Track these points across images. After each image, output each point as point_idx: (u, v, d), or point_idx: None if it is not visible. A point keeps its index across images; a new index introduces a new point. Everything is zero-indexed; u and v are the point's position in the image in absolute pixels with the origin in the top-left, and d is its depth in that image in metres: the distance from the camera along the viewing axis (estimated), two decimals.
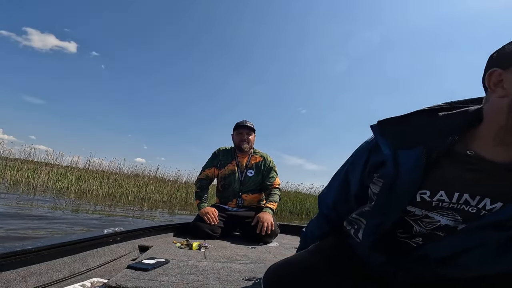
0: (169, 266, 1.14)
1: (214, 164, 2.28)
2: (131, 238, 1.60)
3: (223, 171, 2.24)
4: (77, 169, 10.40)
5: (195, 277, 1.02)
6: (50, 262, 1.05)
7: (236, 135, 2.23)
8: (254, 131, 2.27)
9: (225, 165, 2.25)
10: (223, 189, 2.24)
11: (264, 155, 2.29)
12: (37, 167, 8.87)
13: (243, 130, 2.21)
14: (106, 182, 8.71)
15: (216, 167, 2.27)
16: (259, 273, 1.09)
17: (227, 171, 2.23)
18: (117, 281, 0.91)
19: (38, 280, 0.97)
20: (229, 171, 2.23)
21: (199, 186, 2.23)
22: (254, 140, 2.28)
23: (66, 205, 5.00)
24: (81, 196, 7.25)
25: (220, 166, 2.27)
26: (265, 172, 2.25)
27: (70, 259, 1.14)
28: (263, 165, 2.25)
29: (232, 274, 1.08)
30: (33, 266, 0.98)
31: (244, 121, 2.26)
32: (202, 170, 2.30)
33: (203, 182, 2.25)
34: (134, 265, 1.08)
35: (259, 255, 1.49)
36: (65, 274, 1.08)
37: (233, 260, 1.33)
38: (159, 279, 0.97)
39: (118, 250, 1.44)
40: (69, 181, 8.25)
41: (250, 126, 2.22)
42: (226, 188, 2.22)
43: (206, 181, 2.27)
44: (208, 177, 2.28)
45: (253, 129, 2.25)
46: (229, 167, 2.24)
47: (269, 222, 1.91)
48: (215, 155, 2.31)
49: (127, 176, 10.76)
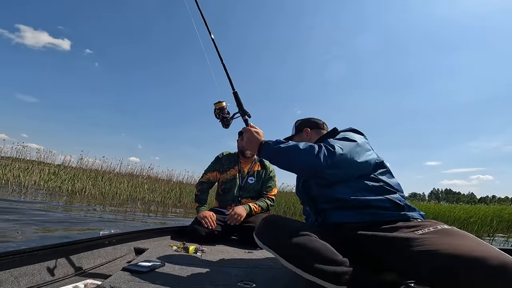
0: (165, 269, 1.13)
1: (217, 168, 2.27)
2: (127, 241, 1.58)
3: (225, 175, 2.24)
4: (70, 168, 10.28)
5: (191, 281, 1.01)
6: (44, 263, 1.03)
7: (241, 141, 2.22)
8: None
9: (227, 170, 2.25)
10: (223, 193, 2.23)
11: (266, 163, 2.29)
12: (29, 165, 8.73)
13: None
14: (99, 182, 8.61)
15: (219, 171, 2.27)
16: (255, 278, 1.09)
17: (228, 176, 2.23)
18: (111, 283, 0.89)
19: (30, 281, 0.95)
20: (231, 176, 2.22)
21: (200, 189, 2.21)
22: None
23: (58, 205, 4.92)
24: (74, 195, 7.15)
25: (223, 170, 2.26)
26: (264, 180, 2.26)
27: (64, 261, 1.12)
28: (264, 173, 2.26)
29: (228, 278, 1.07)
30: (26, 266, 0.97)
31: None
32: (204, 173, 2.29)
33: (204, 185, 2.24)
34: (129, 268, 1.06)
35: (256, 260, 1.48)
36: (58, 275, 1.06)
37: (229, 264, 1.32)
38: (154, 282, 0.95)
39: (114, 252, 1.42)
40: (61, 180, 8.13)
41: None
42: (226, 192, 2.22)
43: (207, 184, 2.26)
44: (210, 180, 2.27)
45: None
46: (231, 172, 2.24)
47: (239, 216, 1.95)
48: (218, 159, 2.31)
49: (121, 175, 10.66)
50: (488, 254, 0.69)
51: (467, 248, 0.72)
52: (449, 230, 0.87)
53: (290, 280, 1.07)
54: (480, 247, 0.73)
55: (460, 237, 0.80)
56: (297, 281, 1.07)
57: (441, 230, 0.87)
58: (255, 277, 1.10)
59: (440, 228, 0.88)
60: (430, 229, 0.88)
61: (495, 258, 0.67)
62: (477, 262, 0.67)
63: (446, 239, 0.79)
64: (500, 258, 0.67)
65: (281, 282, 1.04)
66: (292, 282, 1.05)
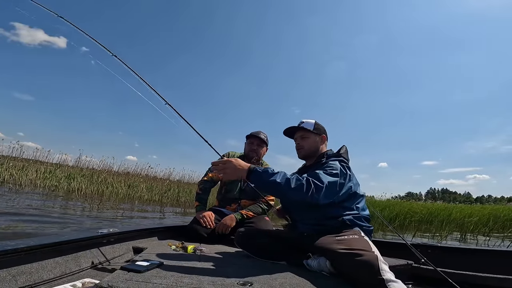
0: (163, 268, 1.12)
1: None
2: (126, 240, 1.57)
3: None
4: (66, 167, 10.21)
5: (189, 280, 1.01)
6: (42, 262, 1.03)
7: (248, 144, 2.23)
8: (267, 144, 2.25)
9: None
10: (224, 193, 2.23)
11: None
12: (25, 164, 8.67)
13: (255, 140, 2.20)
14: (96, 181, 8.56)
15: None
16: (253, 278, 1.09)
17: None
18: (109, 282, 0.89)
19: (28, 279, 0.95)
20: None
21: (202, 188, 2.20)
22: (264, 153, 2.27)
23: (55, 204, 4.89)
24: (70, 194, 7.11)
25: None
26: None
27: (62, 259, 1.11)
28: None
29: (227, 278, 1.07)
30: (24, 265, 0.96)
31: (258, 132, 2.24)
32: (208, 172, 2.27)
33: (207, 185, 2.22)
34: (127, 267, 1.06)
35: (254, 260, 1.48)
36: (56, 274, 1.06)
37: (228, 264, 1.32)
38: (152, 281, 0.95)
39: (112, 251, 1.42)
40: (58, 179, 8.08)
41: (263, 138, 2.21)
42: (227, 192, 2.22)
43: (210, 183, 2.24)
44: (213, 180, 2.25)
45: (266, 142, 2.24)
46: None
47: (225, 227, 1.94)
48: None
49: (118, 174, 10.61)
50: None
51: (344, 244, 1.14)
52: (350, 237, 1.22)
53: (288, 280, 1.08)
54: (342, 245, 1.13)
55: (353, 240, 1.18)
56: (295, 281, 1.07)
57: (350, 237, 1.22)
58: (254, 277, 1.10)
59: (351, 237, 1.22)
60: (344, 237, 1.22)
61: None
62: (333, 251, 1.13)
63: (340, 242, 1.17)
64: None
65: (279, 281, 1.05)
66: (290, 282, 1.05)
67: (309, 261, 1.32)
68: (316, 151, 1.56)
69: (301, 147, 1.56)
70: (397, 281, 0.99)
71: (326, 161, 1.44)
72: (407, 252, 1.52)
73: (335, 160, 1.43)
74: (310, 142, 1.55)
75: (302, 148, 1.56)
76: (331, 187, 1.27)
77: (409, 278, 1.48)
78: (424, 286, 1.42)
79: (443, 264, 1.45)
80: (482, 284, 1.30)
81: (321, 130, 1.57)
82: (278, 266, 1.33)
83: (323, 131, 1.59)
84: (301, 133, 1.56)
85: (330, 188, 1.27)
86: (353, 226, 1.36)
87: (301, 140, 1.57)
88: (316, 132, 1.54)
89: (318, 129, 1.56)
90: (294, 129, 1.59)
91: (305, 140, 1.55)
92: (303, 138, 1.56)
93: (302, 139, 1.56)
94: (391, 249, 1.71)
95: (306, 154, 1.57)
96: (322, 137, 1.57)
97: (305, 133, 1.55)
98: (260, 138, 2.20)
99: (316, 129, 1.55)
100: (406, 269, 1.49)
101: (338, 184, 1.31)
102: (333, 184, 1.29)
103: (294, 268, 1.27)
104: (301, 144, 1.56)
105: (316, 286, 1.03)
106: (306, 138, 1.55)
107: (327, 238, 1.26)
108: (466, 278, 1.32)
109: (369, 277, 1.00)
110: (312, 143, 1.55)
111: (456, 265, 1.48)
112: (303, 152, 1.57)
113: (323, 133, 1.58)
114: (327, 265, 1.20)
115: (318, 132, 1.55)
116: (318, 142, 1.56)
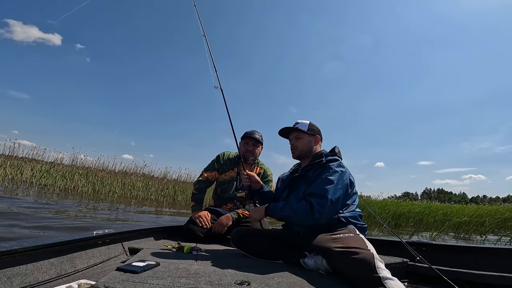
0: (160, 269, 1.12)
1: (216, 168, 2.24)
2: (121, 240, 1.56)
3: (224, 176, 2.22)
4: (62, 165, 10.12)
5: (186, 280, 1.01)
6: (37, 263, 1.02)
7: (243, 145, 2.18)
8: (262, 143, 2.22)
9: (227, 171, 2.22)
10: (220, 193, 2.23)
11: (265, 167, 2.26)
12: (20, 163, 8.58)
13: (250, 141, 2.16)
14: (92, 179, 8.50)
15: (218, 171, 2.24)
16: (251, 277, 1.09)
17: (227, 177, 2.21)
18: (105, 283, 0.88)
19: (23, 281, 0.94)
20: (229, 178, 2.21)
21: (197, 188, 2.18)
22: (260, 153, 2.25)
23: (50, 204, 4.85)
24: (66, 193, 7.05)
25: (222, 171, 2.23)
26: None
27: (57, 260, 1.11)
28: (262, 177, 2.21)
29: (224, 278, 1.07)
30: (19, 266, 0.95)
31: (253, 131, 2.20)
32: (203, 172, 2.26)
33: (202, 185, 2.20)
34: (123, 267, 1.05)
35: (251, 259, 1.48)
36: (51, 275, 1.05)
37: (225, 264, 1.32)
38: (149, 282, 0.94)
39: (108, 252, 1.41)
40: (53, 178, 8.01)
41: (258, 138, 2.17)
42: (222, 192, 2.21)
43: (205, 183, 2.22)
44: (208, 179, 2.23)
45: (261, 142, 2.20)
46: (230, 173, 2.22)
47: (221, 226, 1.96)
48: (218, 160, 2.27)
49: (114, 173, 10.55)
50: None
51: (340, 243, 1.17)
52: (345, 235, 1.27)
53: (285, 279, 1.08)
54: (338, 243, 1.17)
55: (346, 239, 1.22)
56: (292, 280, 1.08)
57: (345, 235, 1.27)
58: (251, 276, 1.10)
59: (347, 235, 1.27)
60: (340, 235, 1.27)
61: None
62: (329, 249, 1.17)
63: (336, 240, 1.22)
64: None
65: (276, 281, 1.05)
66: (287, 281, 1.06)
67: (305, 260, 1.33)
68: (309, 151, 1.58)
69: (295, 147, 1.59)
70: (393, 278, 1.01)
71: (327, 164, 1.46)
72: (403, 250, 1.53)
73: (334, 163, 1.46)
74: (304, 143, 1.57)
75: (296, 149, 1.59)
76: (334, 204, 1.35)
77: (404, 275, 1.49)
78: (419, 283, 1.43)
79: (438, 262, 1.47)
80: (477, 281, 1.30)
81: (315, 131, 1.59)
82: (275, 265, 1.34)
83: (318, 131, 1.61)
84: (296, 133, 1.59)
85: (333, 205, 1.35)
86: (348, 224, 1.39)
87: (295, 141, 1.59)
88: (310, 133, 1.57)
89: (312, 130, 1.58)
90: (289, 129, 1.61)
91: (299, 141, 1.58)
92: (297, 138, 1.58)
93: (296, 139, 1.59)
94: (386, 247, 1.73)
95: (300, 154, 1.59)
96: (316, 137, 1.59)
97: (299, 133, 1.57)
98: (255, 138, 2.17)
99: (310, 130, 1.57)
100: (401, 267, 1.51)
101: (340, 199, 1.38)
102: (337, 200, 1.37)
103: (291, 267, 1.28)
104: (295, 145, 1.59)
105: (313, 284, 1.04)
106: (300, 138, 1.58)
107: (323, 236, 1.29)
108: (460, 276, 1.33)
109: (366, 275, 1.02)
110: (305, 143, 1.57)
111: (451, 262, 1.49)
112: (297, 152, 1.59)
113: (317, 134, 1.60)
114: (324, 263, 1.22)
115: (312, 133, 1.57)
116: (312, 143, 1.58)
